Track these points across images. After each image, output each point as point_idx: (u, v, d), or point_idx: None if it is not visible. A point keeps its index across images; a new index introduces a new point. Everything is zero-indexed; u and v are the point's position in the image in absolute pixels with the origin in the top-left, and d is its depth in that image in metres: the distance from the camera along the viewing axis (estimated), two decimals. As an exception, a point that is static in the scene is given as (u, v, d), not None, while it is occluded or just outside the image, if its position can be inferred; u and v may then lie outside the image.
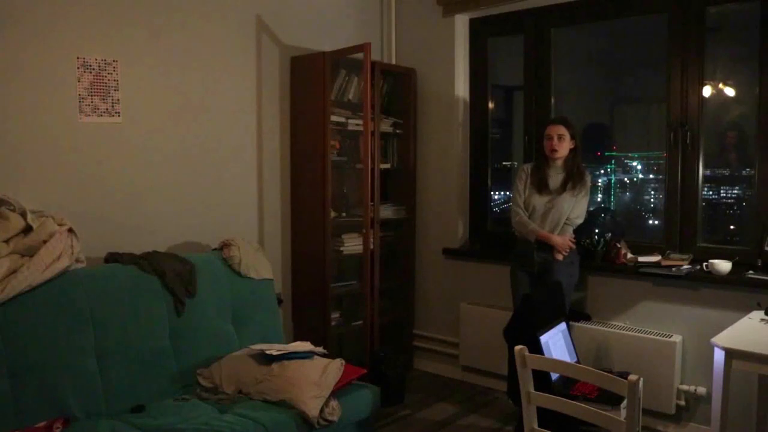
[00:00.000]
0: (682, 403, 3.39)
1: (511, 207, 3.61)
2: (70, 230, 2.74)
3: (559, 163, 3.50)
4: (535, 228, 3.46)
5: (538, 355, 2.32)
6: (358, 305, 4.05)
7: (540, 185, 3.51)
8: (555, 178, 3.50)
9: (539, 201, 3.50)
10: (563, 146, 3.45)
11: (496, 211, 4.49)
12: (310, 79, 3.88)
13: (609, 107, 4.54)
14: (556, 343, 3.17)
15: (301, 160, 3.97)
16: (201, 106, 3.50)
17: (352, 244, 4.03)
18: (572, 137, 3.46)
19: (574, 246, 3.49)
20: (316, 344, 3.12)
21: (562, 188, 3.47)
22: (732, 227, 3.81)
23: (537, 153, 3.62)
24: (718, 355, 2.53)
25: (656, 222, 4.10)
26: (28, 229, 2.63)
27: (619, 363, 3.43)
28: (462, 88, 4.29)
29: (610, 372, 2.38)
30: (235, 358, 2.93)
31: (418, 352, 4.50)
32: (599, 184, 4.29)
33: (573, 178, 3.46)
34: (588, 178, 3.53)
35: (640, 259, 3.53)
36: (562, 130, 3.44)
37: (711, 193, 3.72)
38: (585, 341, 3.55)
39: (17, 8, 2.82)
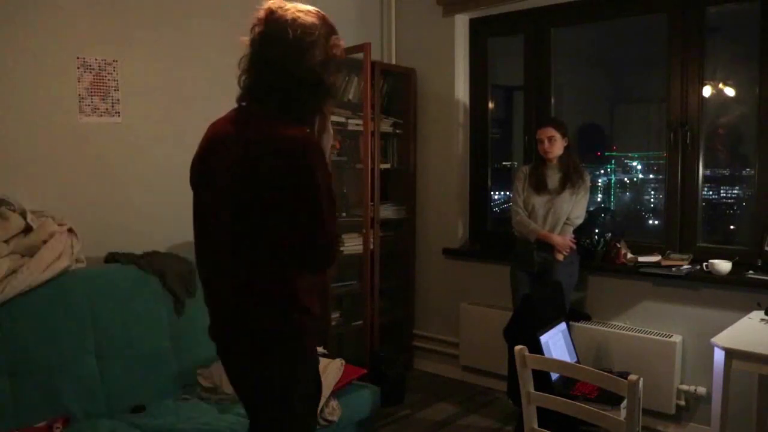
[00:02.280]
0: (682, 403, 3.39)
1: (511, 207, 3.62)
2: (70, 230, 2.75)
3: (555, 162, 3.50)
4: (535, 228, 3.46)
5: (538, 355, 2.32)
6: (358, 305, 4.05)
7: (538, 185, 3.51)
8: (553, 177, 3.50)
9: (538, 201, 3.50)
10: (555, 147, 3.45)
11: (496, 211, 4.49)
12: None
13: (609, 107, 4.54)
14: (556, 343, 3.17)
15: (301, 160, 3.96)
16: (201, 106, 3.50)
17: (352, 244, 4.03)
18: (564, 135, 3.46)
19: (574, 246, 3.49)
20: (316, 344, 3.12)
21: (561, 188, 3.47)
22: (732, 227, 3.81)
23: (535, 153, 3.62)
24: (718, 355, 2.53)
25: (656, 222, 4.10)
26: (28, 229, 2.63)
27: (619, 363, 3.43)
28: (462, 88, 4.29)
29: (610, 372, 2.38)
30: (235, 358, 2.93)
31: (418, 352, 4.50)
32: (599, 184, 4.29)
33: (571, 178, 3.46)
34: (587, 178, 3.53)
35: (640, 259, 3.53)
36: (551, 131, 3.44)
37: (711, 193, 3.73)
38: (585, 341, 3.55)
39: (17, 8, 2.82)
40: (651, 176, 4.22)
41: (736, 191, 3.80)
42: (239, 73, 1.67)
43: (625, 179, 4.35)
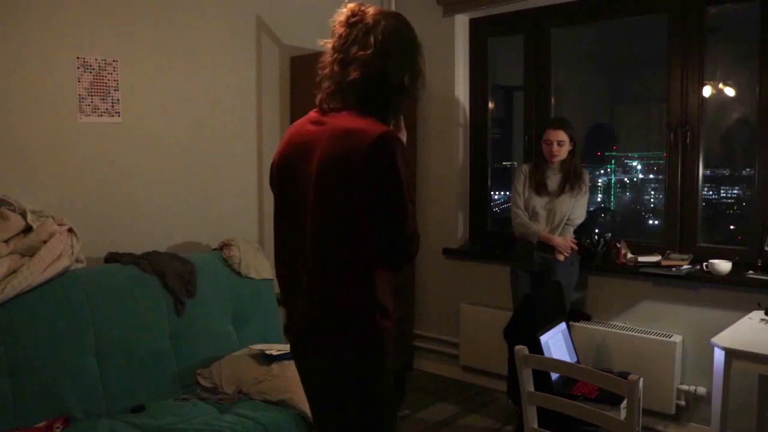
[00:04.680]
0: (682, 403, 3.39)
1: (512, 208, 3.61)
2: (70, 230, 2.74)
3: (557, 164, 3.49)
4: (536, 229, 3.46)
5: (538, 355, 2.32)
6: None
7: (539, 186, 3.50)
8: (553, 179, 3.50)
9: (539, 202, 3.50)
10: (563, 151, 3.45)
11: (496, 211, 4.49)
12: (310, 79, 3.85)
13: (609, 107, 4.54)
14: (556, 343, 3.17)
15: (301, 160, 3.96)
16: (201, 106, 3.50)
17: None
18: (571, 139, 3.46)
19: (575, 247, 3.49)
20: (316, 344, 3.12)
21: (561, 189, 3.47)
22: (732, 227, 3.81)
23: (535, 153, 3.62)
24: (718, 355, 2.54)
25: (656, 222, 4.10)
26: (28, 229, 2.63)
27: (619, 363, 3.43)
28: (462, 88, 4.28)
29: (610, 372, 2.38)
30: (235, 358, 2.93)
31: (418, 352, 4.50)
32: (599, 184, 4.29)
33: (571, 180, 3.46)
34: (587, 178, 3.53)
35: (640, 259, 3.53)
36: (562, 135, 3.43)
37: (711, 193, 3.73)
38: (585, 341, 3.55)
39: (17, 8, 2.82)
40: (651, 176, 4.22)
41: (736, 191, 3.81)
42: (319, 77, 1.72)
43: (625, 179, 4.35)
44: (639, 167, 4.27)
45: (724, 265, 3.22)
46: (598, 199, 4.28)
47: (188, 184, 3.46)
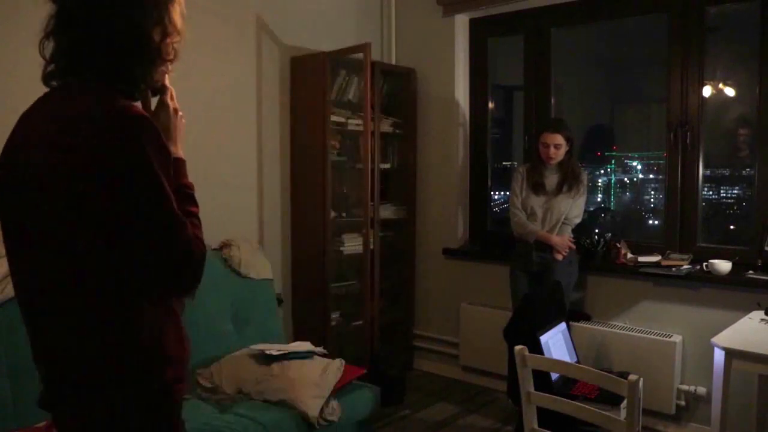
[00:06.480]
0: (682, 403, 3.39)
1: (510, 209, 3.61)
2: (70, 230, 2.73)
3: (555, 165, 3.49)
4: (533, 229, 3.46)
5: (538, 355, 2.32)
6: (358, 305, 4.05)
7: (536, 186, 3.51)
8: (551, 179, 3.50)
9: (536, 202, 3.50)
10: (559, 153, 3.44)
11: (496, 211, 4.49)
12: (310, 79, 3.88)
13: (609, 107, 4.55)
14: (556, 343, 3.17)
15: (301, 160, 3.97)
16: (201, 106, 3.50)
17: (352, 244, 4.03)
18: (568, 140, 3.45)
19: (573, 246, 3.49)
20: (316, 344, 3.12)
21: (558, 189, 3.47)
22: (732, 227, 3.81)
23: (533, 154, 3.62)
24: (718, 355, 2.54)
25: (656, 222, 4.10)
26: (28, 229, 2.62)
27: (619, 363, 3.43)
28: (462, 88, 4.28)
29: (610, 372, 2.38)
30: (235, 358, 2.93)
31: (418, 352, 4.50)
32: (599, 184, 4.30)
33: (569, 180, 3.46)
34: (584, 178, 3.53)
35: (640, 259, 3.53)
36: (558, 139, 3.42)
37: (711, 193, 3.73)
38: (585, 341, 3.55)
39: (17, 8, 2.82)
40: (651, 176, 4.22)
41: (736, 191, 3.81)
42: (41, 39, 1.23)
43: (625, 179, 4.35)
44: (639, 167, 4.27)
45: (724, 265, 3.22)
46: (598, 199, 4.29)
47: (188, 184, 3.46)
